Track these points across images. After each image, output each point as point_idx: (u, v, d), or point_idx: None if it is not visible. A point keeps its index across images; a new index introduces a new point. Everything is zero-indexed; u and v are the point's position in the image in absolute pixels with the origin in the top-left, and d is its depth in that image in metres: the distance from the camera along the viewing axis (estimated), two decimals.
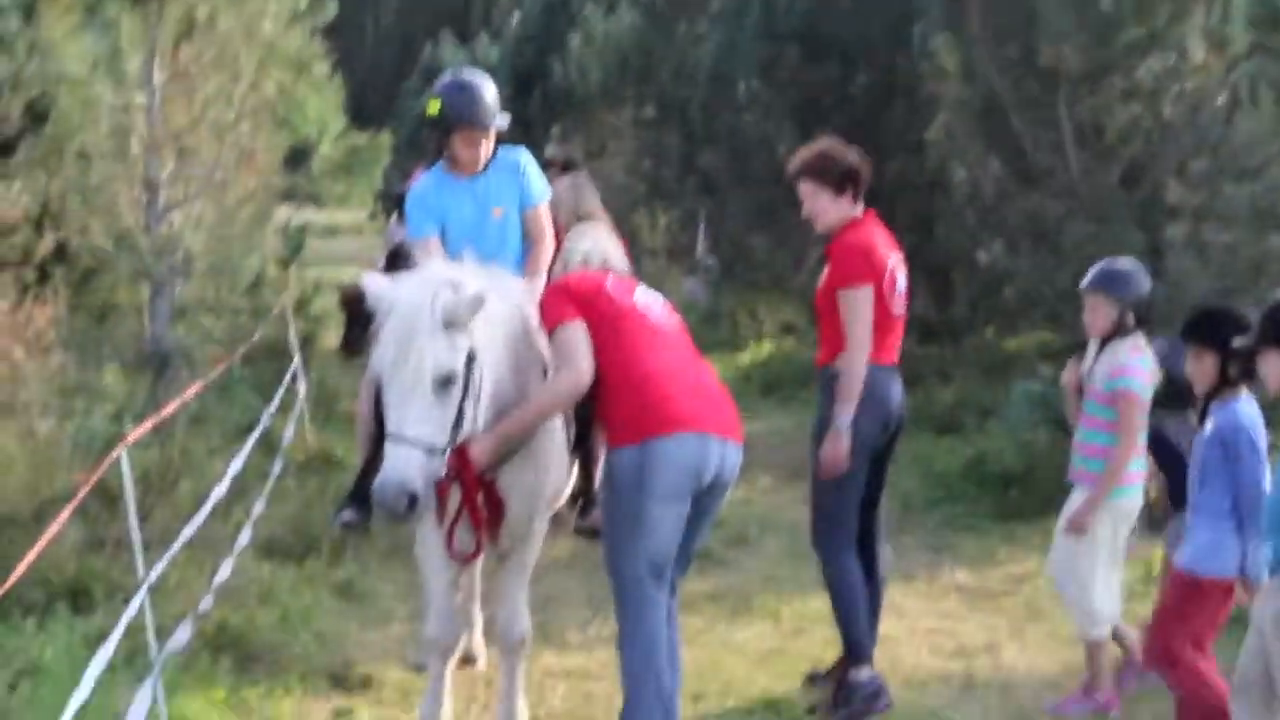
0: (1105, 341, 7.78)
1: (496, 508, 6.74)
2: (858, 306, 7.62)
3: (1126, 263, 7.99)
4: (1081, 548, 7.85)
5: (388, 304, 6.31)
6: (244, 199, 14.35)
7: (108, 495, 9.66)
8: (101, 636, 7.73)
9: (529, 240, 7.99)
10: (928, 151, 16.63)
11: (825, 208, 7.85)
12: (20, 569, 5.83)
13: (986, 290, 15.32)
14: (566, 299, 6.63)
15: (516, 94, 35.77)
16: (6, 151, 13.44)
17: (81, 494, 6.81)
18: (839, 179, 7.83)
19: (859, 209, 7.89)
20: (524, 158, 8.00)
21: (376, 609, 9.77)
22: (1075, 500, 7.91)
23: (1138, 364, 7.65)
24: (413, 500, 6.07)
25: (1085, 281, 7.87)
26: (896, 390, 7.96)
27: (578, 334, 6.52)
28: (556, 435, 7.07)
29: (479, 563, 7.79)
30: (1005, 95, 14.22)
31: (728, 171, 23.30)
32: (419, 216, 7.80)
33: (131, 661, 7.86)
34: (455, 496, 6.56)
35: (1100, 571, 7.86)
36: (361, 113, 61.77)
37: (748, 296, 21.94)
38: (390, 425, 6.17)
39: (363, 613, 9.67)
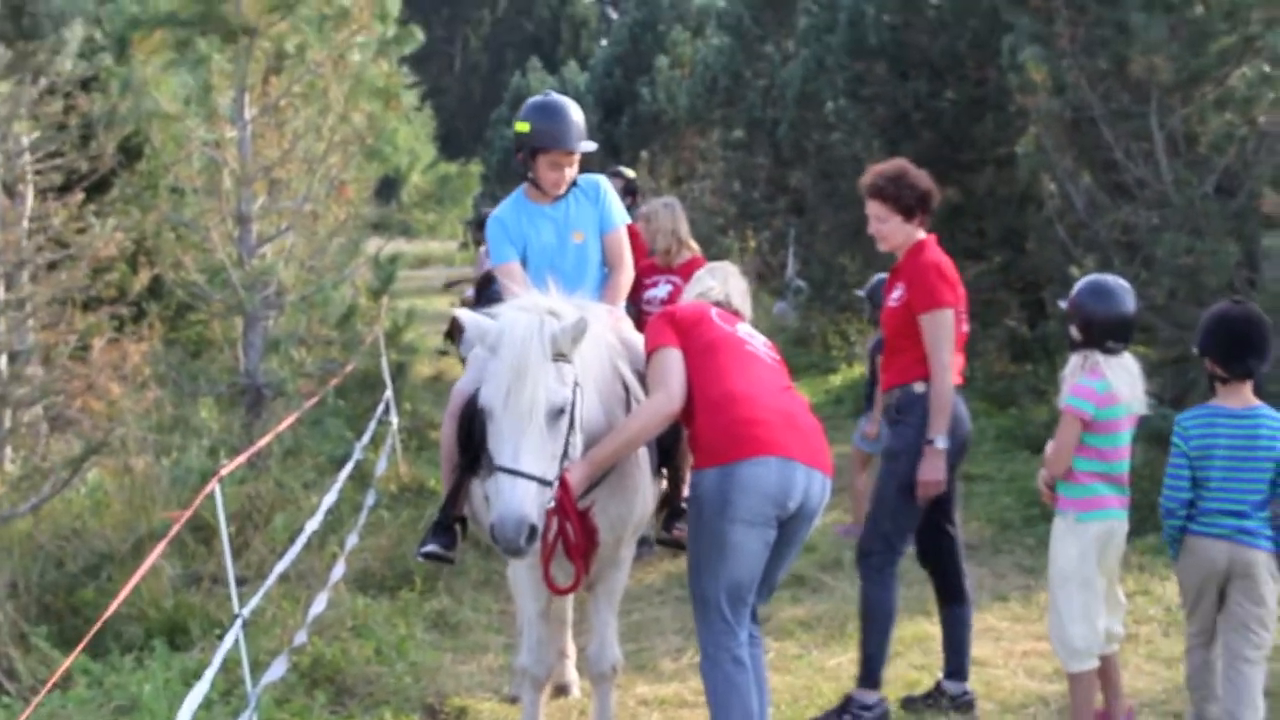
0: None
1: (590, 536, 6.73)
2: (944, 328, 7.64)
3: (1104, 281, 7.68)
4: (1054, 577, 7.64)
5: (493, 337, 6.31)
6: (334, 230, 14.43)
7: (204, 530, 9.77)
8: (198, 672, 7.82)
9: (609, 265, 8.01)
10: (1018, 165, 16.48)
11: (894, 231, 7.91)
12: (114, 605, 5.87)
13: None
14: (669, 325, 6.70)
15: (605, 119, 35.93)
16: (102, 189, 13.60)
17: (175, 529, 6.87)
18: (912, 204, 7.88)
19: (923, 232, 7.94)
20: (604, 183, 8.04)
21: (469, 640, 9.78)
22: (1053, 527, 7.73)
23: (1088, 385, 7.43)
24: (532, 533, 6.07)
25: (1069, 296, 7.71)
26: (965, 411, 8.01)
27: (673, 358, 6.58)
28: (642, 461, 7.06)
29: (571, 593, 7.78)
30: (1095, 107, 14.06)
31: (816, 191, 23.28)
32: (500, 242, 7.82)
33: (228, 696, 7.91)
34: (551, 527, 6.54)
35: (1076, 602, 7.55)
36: (451, 142, 62.16)
37: (838, 318, 21.86)
38: (503, 459, 6.14)
39: (456, 644, 9.69)
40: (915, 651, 9.28)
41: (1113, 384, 7.45)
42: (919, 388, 7.69)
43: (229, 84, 13.19)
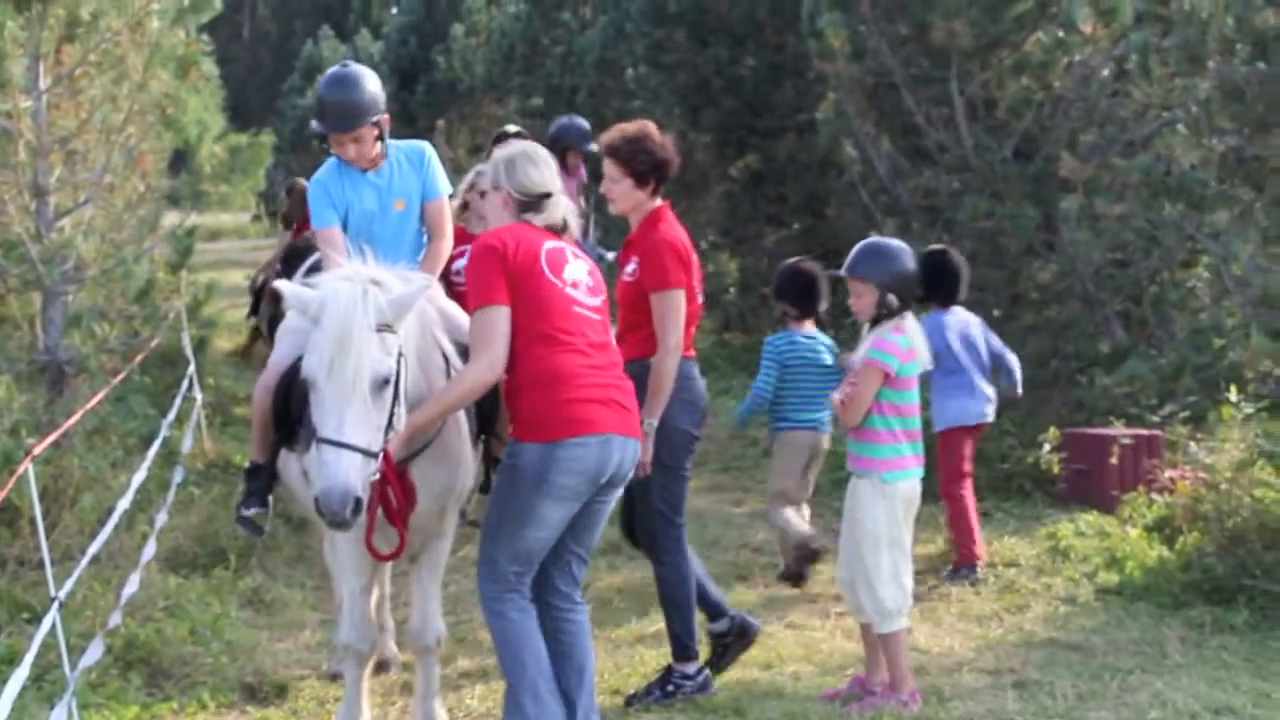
0: (874, 325, 7.68)
1: (409, 503, 6.66)
2: (674, 309, 7.60)
3: (884, 244, 7.83)
4: (863, 541, 7.68)
5: (315, 307, 6.20)
6: (133, 203, 14.12)
7: (6, 511, 9.51)
8: (10, 659, 7.63)
9: (429, 234, 7.95)
10: (818, 132, 16.66)
11: (624, 194, 7.76)
12: None
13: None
14: (501, 273, 6.44)
15: (400, 88, 35.58)
16: None
17: None
18: (645, 169, 7.72)
19: (657, 200, 7.82)
20: (428, 151, 7.96)
21: (286, 617, 9.67)
22: (853, 490, 7.78)
23: (893, 340, 7.55)
24: (357, 505, 6.00)
25: (844, 266, 7.76)
26: (702, 386, 8.03)
27: (500, 320, 6.41)
28: (463, 429, 7.03)
29: (389, 566, 7.72)
30: (896, 73, 14.28)
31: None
32: (321, 206, 7.72)
33: (39, 681, 7.74)
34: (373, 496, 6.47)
35: (885, 563, 7.63)
36: (240, 113, 61.25)
37: None
38: (327, 431, 6.07)
39: (272, 621, 9.57)
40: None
41: (914, 340, 7.62)
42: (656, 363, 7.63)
43: (21, 52, 12.79)
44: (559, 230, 6.76)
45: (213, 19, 15.27)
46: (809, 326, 10.36)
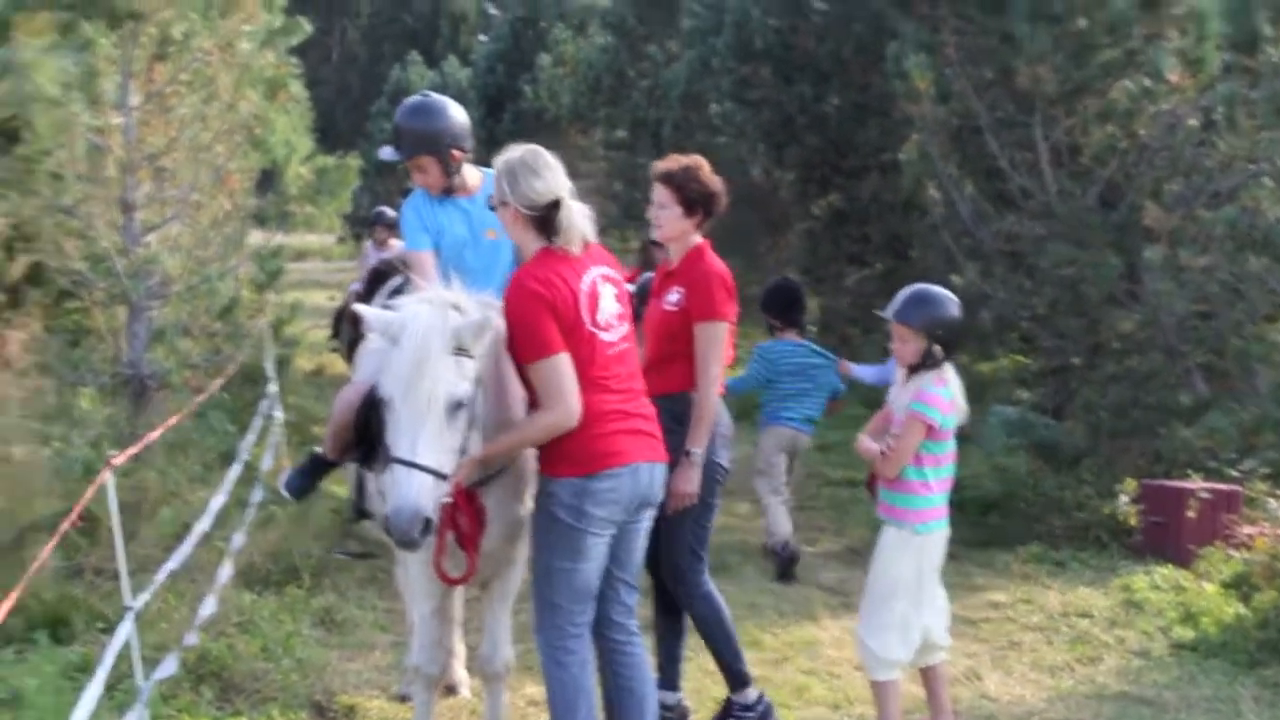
0: (913, 372, 7.55)
1: (479, 528, 6.69)
2: (718, 341, 7.59)
3: (933, 291, 7.65)
4: (883, 588, 7.59)
5: (395, 329, 6.26)
6: (219, 221, 14.28)
7: (87, 522, 9.60)
8: (84, 666, 7.70)
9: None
10: (902, 172, 16.62)
11: (671, 221, 7.74)
12: (10, 601, 5.76)
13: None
14: (552, 321, 6.38)
15: (487, 115, 35.81)
16: None
17: (69, 520, 6.76)
18: (694, 199, 7.70)
19: (699, 235, 7.79)
20: None
21: (356, 638, 9.69)
22: (884, 537, 7.67)
23: (936, 393, 7.42)
24: (426, 525, 6.03)
25: (888, 310, 7.62)
26: (729, 424, 8.01)
27: (566, 368, 6.38)
28: (532, 462, 7.04)
29: (461, 591, 7.73)
30: (981, 116, 14.23)
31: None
32: (415, 230, 7.72)
33: (112, 691, 7.79)
34: (444, 520, 6.50)
35: (898, 614, 7.54)
36: (328, 135, 61.61)
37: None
38: (400, 451, 6.10)
39: (343, 641, 9.60)
40: (802, 656, 9.35)
41: (954, 392, 7.50)
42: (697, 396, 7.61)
43: (114, 70, 12.98)
44: (585, 245, 6.64)
45: (302, 42, 15.43)
46: (793, 335, 12.01)
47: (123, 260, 12.53)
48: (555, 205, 6.51)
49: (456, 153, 7.69)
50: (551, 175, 6.58)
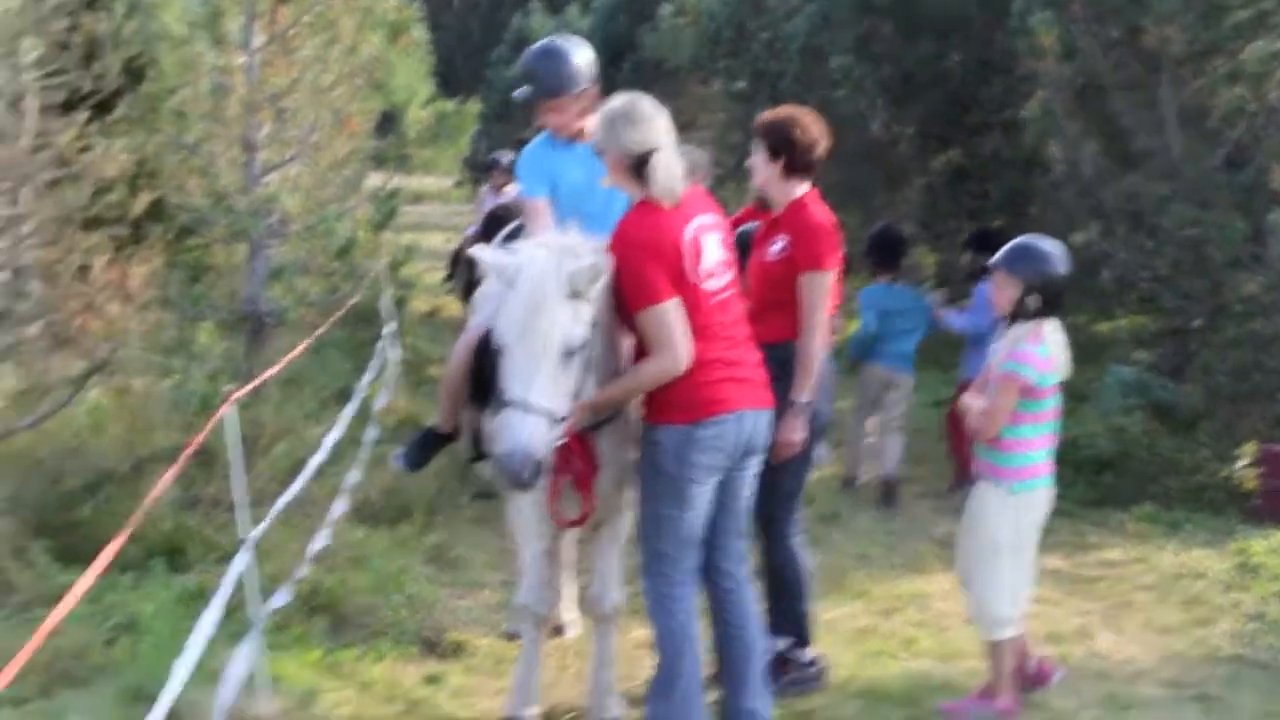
0: (1012, 323, 7.44)
1: (593, 470, 6.71)
2: (823, 289, 7.54)
3: (1040, 243, 7.52)
4: (984, 547, 7.49)
5: (511, 271, 6.27)
6: (338, 162, 14.35)
7: (203, 454, 9.73)
8: (199, 594, 7.82)
9: None
10: (1024, 130, 16.43)
11: (760, 169, 7.80)
12: (127, 530, 5.85)
13: (1081, 273, 15.05)
14: (660, 269, 6.41)
15: (607, 64, 35.73)
16: (105, 109, 13.49)
17: (189, 452, 6.84)
18: (778, 148, 7.72)
19: (807, 185, 7.77)
20: None
21: (467, 576, 9.80)
22: (980, 495, 7.56)
23: (1032, 350, 7.28)
24: (538, 468, 6.08)
25: (994, 257, 7.55)
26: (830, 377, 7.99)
27: (675, 315, 6.40)
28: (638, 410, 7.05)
29: (572, 533, 7.76)
30: (1105, 75, 14.04)
31: None
32: (531, 177, 7.72)
33: (225, 621, 7.91)
34: (559, 461, 6.52)
35: (1005, 571, 7.45)
36: (448, 80, 61.83)
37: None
38: (514, 393, 6.14)
39: (454, 579, 9.71)
40: (911, 608, 9.33)
41: (1052, 349, 7.37)
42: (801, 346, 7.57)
43: (238, 10, 13.08)
44: (675, 199, 6.58)
45: None
46: (887, 278, 12.78)
47: (243, 198, 12.65)
48: (648, 156, 6.50)
49: (586, 95, 7.68)
50: (648, 126, 6.57)
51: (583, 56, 7.77)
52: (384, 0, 14.69)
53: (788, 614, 8.00)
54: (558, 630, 8.51)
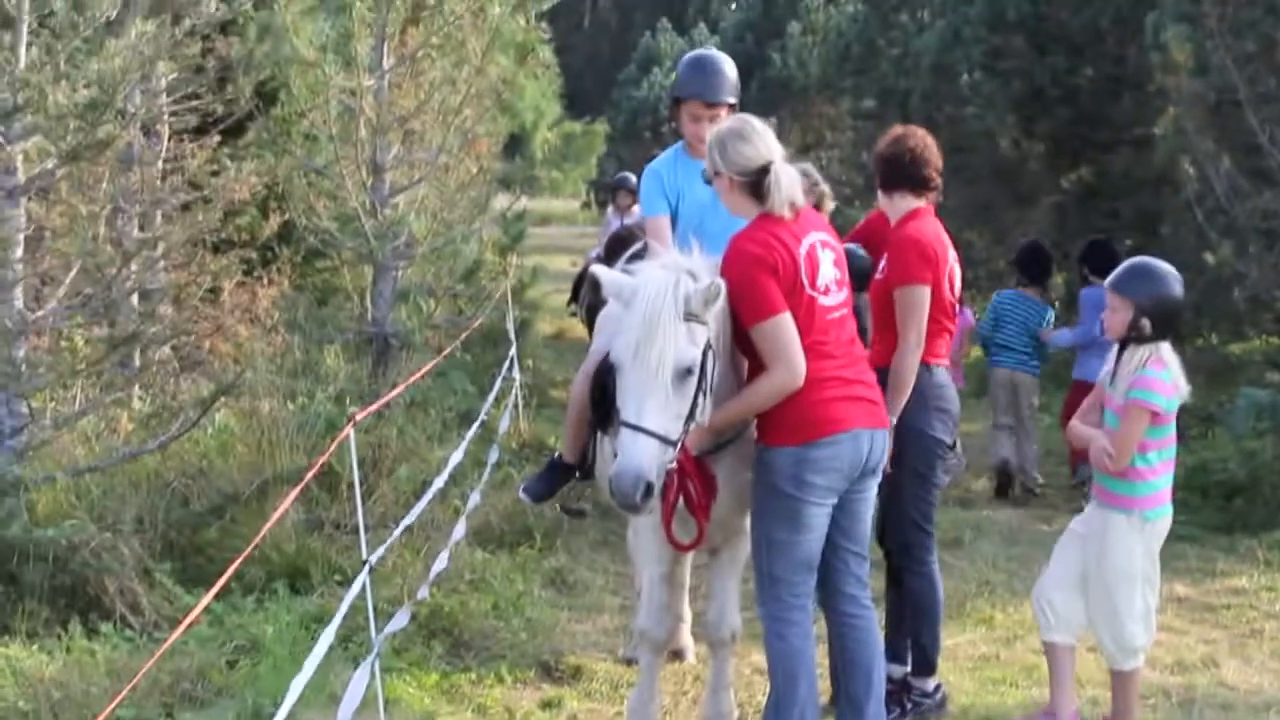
0: (1123, 346, 7.26)
1: (709, 494, 6.68)
2: (914, 305, 7.43)
3: (1154, 265, 7.29)
4: (1119, 578, 7.28)
5: (628, 293, 6.27)
6: (465, 184, 14.46)
7: (327, 476, 9.82)
8: (320, 617, 7.88)
9: None
10: (1156, 147, 16.22)
11: (883, 198, 7.83)
12: (247, 551, 5.91)
13: (1214, 292, 14.88)
14: (774, 283, 6.34)
15: None
16: (236, 132, 13.70)
17: (310, 474, 6.91)
18: (878, 168, 7.83)
19: (919, 201, 7.68)
20: None
21: (587, 599, 9.79)
22: (1110, 525, 7.31)
23: (1157, 377, 7.10)
24: (648, 490, 6.04)
25: (1109, 278, 7.34)
26: (954, 392, 7.87)
27: (789, 329, 6.32)
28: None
29: (690, 557, 7.74)
30: (1240, 90, 13.81)
31: (947, 165, 23.01)
32: (653, 194, 7.73)
33: (346, 643, 7.97)
34: (673, 485, 6.50)
35: (1138, 601, 7.28)
36: (577, 101, 62.21)
37: (964, 295, 21.69)
38: (627, 414, 6.12)
39: (572, 603, 9.70)
40: (1033, 635, 9.13)
41: (1174, 373, 7.20)
42: (920, 368, 7.48)
43: (368, 33, 13.22)
44: (795, 210, 6.54)
45: (553, 7, 15.55)
46: (1027, 290, 13.77)
47: (371, 221, 12.77)
48: (766, 170, 6.48)
49: (729, 112, 7.70)
50: (761, 141, 6.56)
51: (734, 73, 7.84)
52: (512, 20, 14.73)
53: (916, 641, 7.93)
54: (676, 655, 8.47)
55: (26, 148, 9.18)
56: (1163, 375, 7.13)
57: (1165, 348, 7.22)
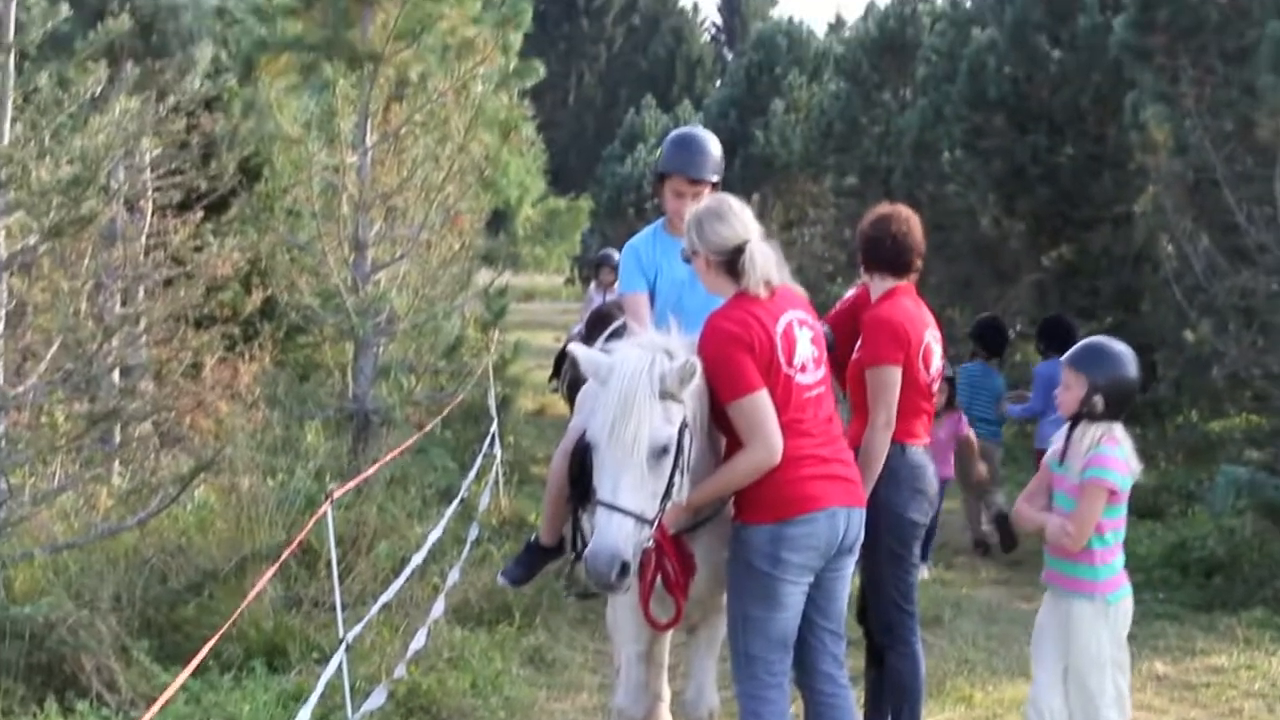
0: (1074, 424, 7.20)
1: (686, 573, 6.67)
2: (883, 385, 7.43)
3: (1111, 345, 7.27)
4: (1089, 664, 7.17)
5: (604, 371, 6.30)
6: (448, 260, 14.50)
7: (306, 553, 9.80)
8: (298, 695, 7.85)
9: None
10: (1136, 225, 16.36)
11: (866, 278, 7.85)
12: (224, 627, 5.90)
13: (1193, 370, 14.97)
14: (750, 360, 6.37)
15: None
16: (220, 208, 13.73)
17: (288, 552, 6.90)
18: (858, 248, 7.86)
19: (896, 281, 7.69)
20: None
21: (565, 678, 9.76)
22: (1074, 612, 7.22)
23: (1112, 454, 7.06)
24: (624, 569, 6.04)
25: (1066, 354, 7.45)
26: (931, 470, 7.81)
27: (766, 406, 6.34)
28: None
29: (669, 635, 7.72)
30: (1218, 169, 13.90)
31: (928, 243, 23.10)
32: (631, 271, 7.78)
33: None
34: (650, 564, 6.50)
35: (1109, 686, 7.16)
36: (562, 177, 62.37)
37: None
38: (603, 493, 6.14)
39: (551, 681, 9.66)
40: (1013, 714, 9.18)
41: (1127, 451, 7.15)
42: (895, 449, 7.49)
43: (352, 110, 13.28)
44: (770, 289, 6.59)
45: (539, 85, 15.67)
46: (993, 365, 14.68)
47: (352, 297, 12.80)
48: (741, 249, 6.52)
49: (712, 186, 7.74)
50: (737, 220, 6.61)
51: (718, 150, 7.88)
52: (495, 98, 14.82)
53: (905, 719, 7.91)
54: None
55: (9, 223, 9.19)
56: (1117, 453, 7.08)
57: (1118, 427, 7.18)
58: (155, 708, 4.89)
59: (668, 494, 6.24)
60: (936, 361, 7.72)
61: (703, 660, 7.35)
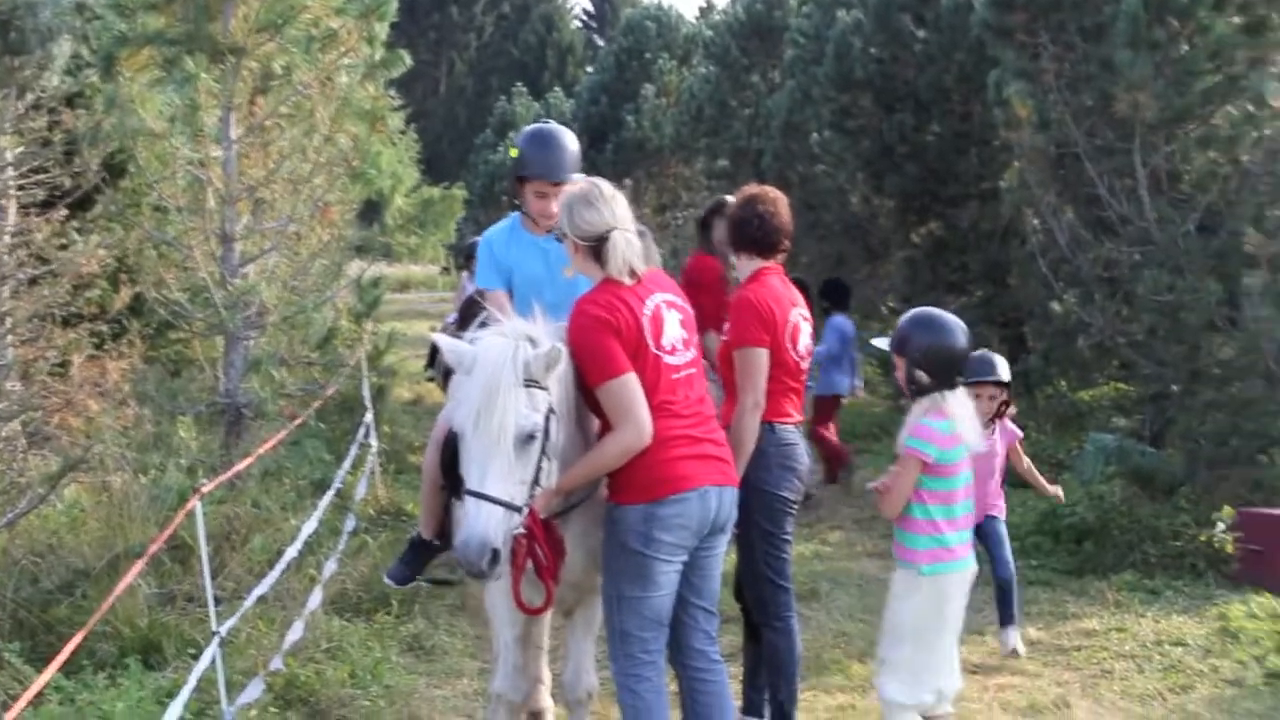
0: (913, 399, 7.28)
1: (557, 557, 6.69)
2: (750, 366, 7.53)
3: (928, 316, 7.31)
4: (890, 630, 7.26)
5: (468, 361, 6.30)
6: (317, 252, 14.39)
7: (181, 549, 9.73)
8: (172, 692, 7.79)
9: None
10: (1001, 200, 16.55)
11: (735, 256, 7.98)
12: (91, 623, 5.85)
13: (1060, 341, 15.15)
14: (617, 343, 6.42)
15: (590, 146, 36.04)
16: (85, 205, 13.56)
17: (154, 548, 6.85)
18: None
19: (764, 262, 7.81)
20: None
21: (445, 665, 9.76)
22: (894, 577, 7.32)
23: (930, 426, 7.07)
24: (494, 557, 6.05)
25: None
26: (803, 449, 7.91)
27: (634, 388, 6.39)
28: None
29: (547, 618, 7.76)
30: (1080, 143, 14.11)
31: (799, 223, 23.25)
32: (487, 266, 7.78)
33: (200, 716, 7.89)
34: (521, 550, 6.51)
35: (905, 659, 7.15)
36: (435, 166, 62.23)
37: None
38: (471, 482, 6.15)
39: (431, 668, 9.66)
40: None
41: (957, 424, 7.13)
42: (764, 428, 7.56)
43: (215, 103, 13.14)
44: (635, 276, 6.63)
45: (410, 75, 15.58)
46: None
47: (221, 291, 12.68)
48: (605, 237, 6.57)
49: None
50: (606, 207, 6.64)
51: (575, 146, 7.84)
52: (361, 89, 14.71)
53: (774, 695, 7.96)
54: (535, 716, 8.45)
55: None
56: (939, 425, 7.09)
57: (952, 399, 7.18)
58: (20, 704, 4.84)
59: (536, 480, 6.26)
60: (805, 340, 7.79)
61: (580, 642, 7.40)
